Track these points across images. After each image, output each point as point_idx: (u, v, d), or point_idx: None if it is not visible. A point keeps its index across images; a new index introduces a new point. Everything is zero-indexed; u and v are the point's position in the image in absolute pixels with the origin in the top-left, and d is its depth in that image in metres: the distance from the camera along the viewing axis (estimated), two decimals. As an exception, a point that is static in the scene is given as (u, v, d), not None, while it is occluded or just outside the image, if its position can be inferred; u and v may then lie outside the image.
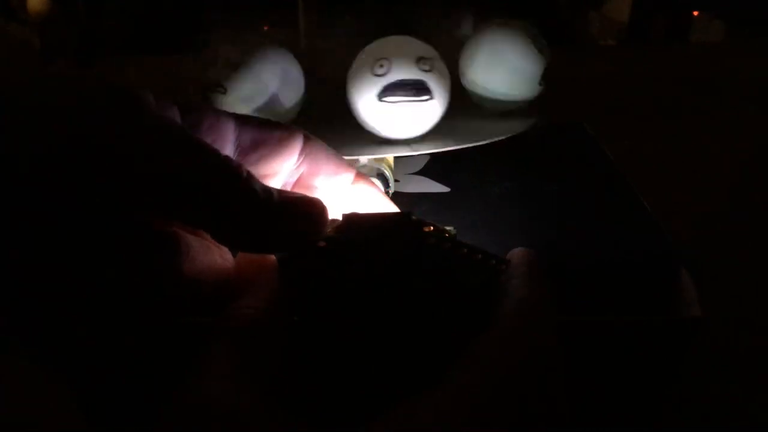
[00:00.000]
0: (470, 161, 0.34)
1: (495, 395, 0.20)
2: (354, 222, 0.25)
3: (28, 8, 1.11)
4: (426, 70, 0.31)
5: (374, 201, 0.29)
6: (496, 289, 0.24)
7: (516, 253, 0.26)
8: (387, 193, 0.34)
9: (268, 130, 0.26)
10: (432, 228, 0.25)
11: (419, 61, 0.31)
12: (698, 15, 1.45)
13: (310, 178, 0.27)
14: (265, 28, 0.39)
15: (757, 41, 1.04)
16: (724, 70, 0.90)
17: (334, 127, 0.37)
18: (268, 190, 0.22)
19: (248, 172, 0.22)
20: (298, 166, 0.27)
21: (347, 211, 0.25)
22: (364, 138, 0.37)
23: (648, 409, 0.35)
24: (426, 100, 0.31)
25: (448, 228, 0.25)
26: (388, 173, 0.35)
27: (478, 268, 0.24)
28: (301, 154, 0.26)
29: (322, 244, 0.24)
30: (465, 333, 0.22)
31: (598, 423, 0.34)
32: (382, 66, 0.31)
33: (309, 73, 0.37)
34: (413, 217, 0.24)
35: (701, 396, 0.38)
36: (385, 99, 0.31)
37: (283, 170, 0.26)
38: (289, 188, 0.27)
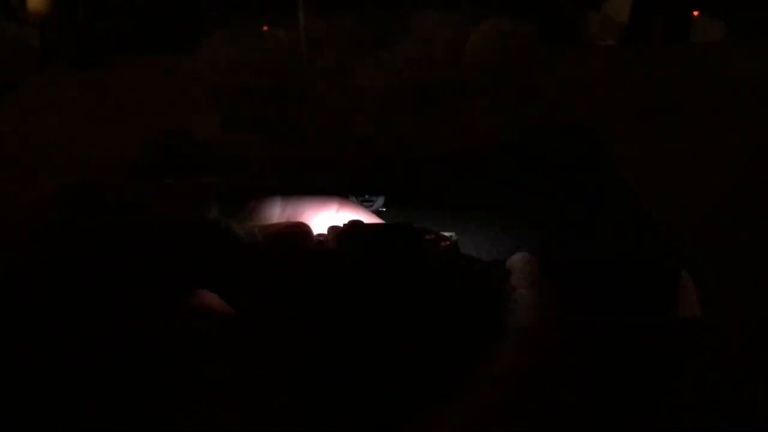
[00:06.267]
0: (470, 161, 0.34)
1: (521, 404, 0.20)
2: (355, 231, 0.25)
3: (28, 8, 1.11)
4: None
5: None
6: (496, 299, 0.24)
7: (517, 261, 0.26)
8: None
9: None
10: (433, 236, 0.24)
11: None
12: (698, 15, 1.45)
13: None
14: (265, 28, 0.39)
15: (757, 41, 1.04)
16: (724, 70, 0.90)
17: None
18: (251, 231, 0.24)
19: (227, 222, 0.24)
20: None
21: (349, 221, 0.25)
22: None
23: (648, 409, 0.35)
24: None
25: (448, 234, 0.25)
26: (388, 173, 0.35)
27: (477, 279, 0.24)
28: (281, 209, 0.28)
29: (321, 254, 0.24)
30: (468, 342, 0.22)
31: (599, 422, 0.34)
32: None
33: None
34: (414, 226, 0.24)
35: (701, 396, 0.38)
36: None
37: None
38: None
